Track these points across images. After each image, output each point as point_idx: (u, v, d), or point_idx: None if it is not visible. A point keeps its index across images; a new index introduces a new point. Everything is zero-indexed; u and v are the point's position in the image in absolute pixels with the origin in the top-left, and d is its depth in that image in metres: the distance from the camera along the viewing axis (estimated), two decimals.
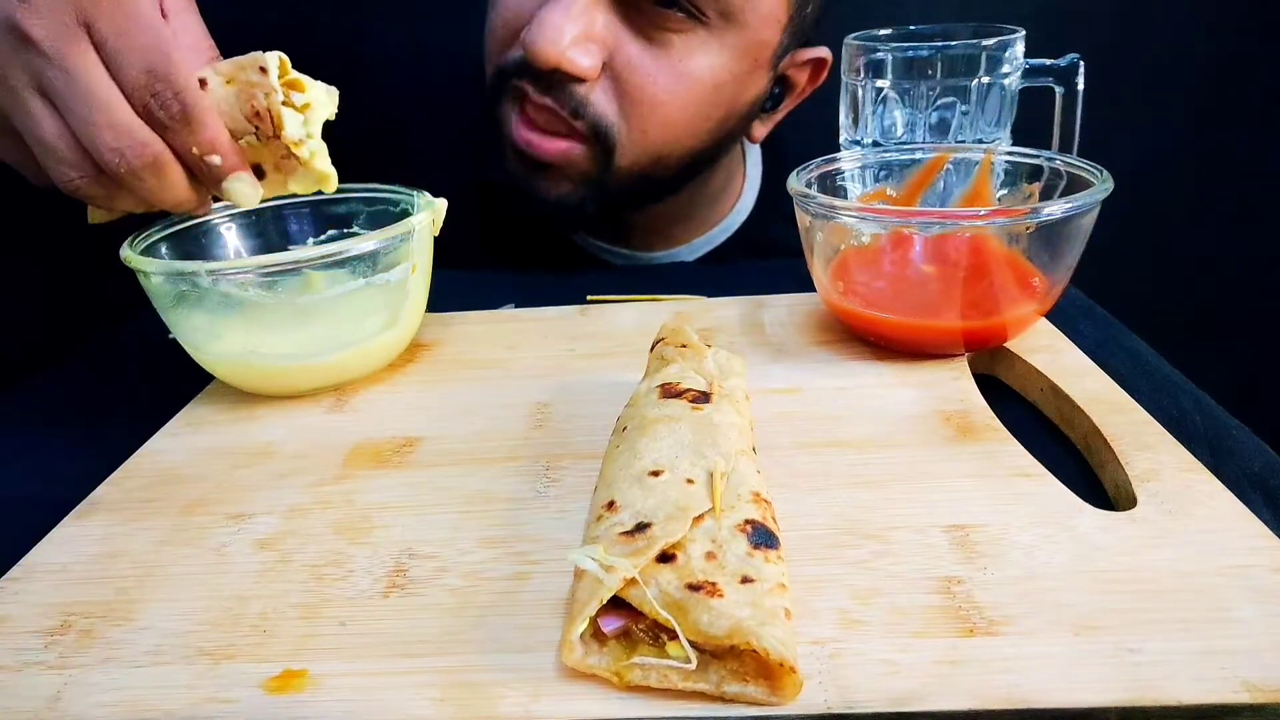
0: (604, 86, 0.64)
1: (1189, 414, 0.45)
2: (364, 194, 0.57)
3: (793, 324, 0.56)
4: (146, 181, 0.43)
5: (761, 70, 0.69)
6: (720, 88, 0.66)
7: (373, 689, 0.29)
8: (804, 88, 0.76)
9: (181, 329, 0.49)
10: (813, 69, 0.74)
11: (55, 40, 0.41)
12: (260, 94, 0.44)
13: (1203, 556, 0.32)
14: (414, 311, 0.54)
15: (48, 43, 0.41)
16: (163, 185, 0.44)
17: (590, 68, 0.62)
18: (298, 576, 0.35)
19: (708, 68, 0.65)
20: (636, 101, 0.64)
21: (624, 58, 0.63)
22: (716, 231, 0.84)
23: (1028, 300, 0.48)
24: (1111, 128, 0.80)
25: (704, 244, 0.84)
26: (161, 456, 0.46)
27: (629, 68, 0.63)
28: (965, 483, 0.38)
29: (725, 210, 0.84)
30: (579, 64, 0.61)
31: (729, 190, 0.84)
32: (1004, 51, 0.59)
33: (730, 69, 0.66)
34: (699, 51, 0.64)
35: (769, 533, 0.31)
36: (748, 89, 0.69)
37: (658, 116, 0.65)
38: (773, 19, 0.65)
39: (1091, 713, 0.26)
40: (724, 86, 0.67)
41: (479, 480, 0.41)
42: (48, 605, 0.34)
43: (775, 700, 0.27)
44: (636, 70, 0.63)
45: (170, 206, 0.46)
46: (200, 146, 0.44)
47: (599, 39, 0.62)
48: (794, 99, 0.77)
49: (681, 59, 0.64)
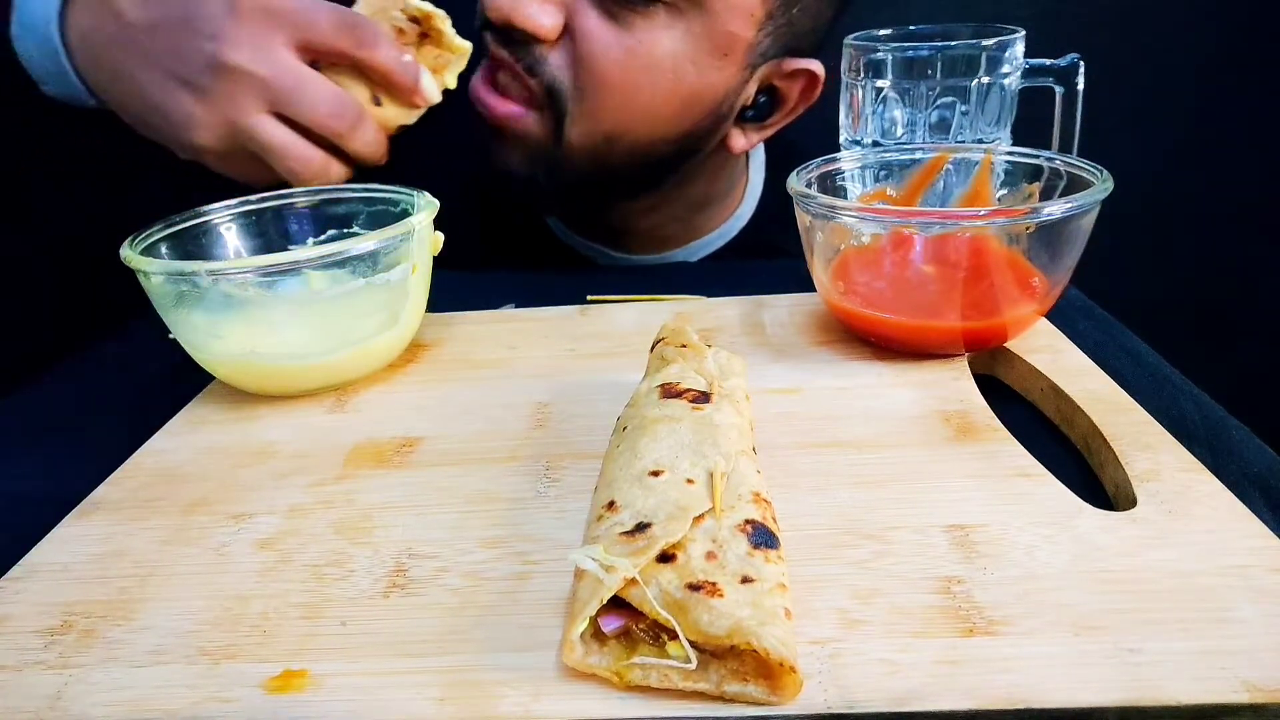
0: (561, 50, 0.64)
1: (1189, 414, 0.45)
2: (364, 194, 0.57)
3: (793, 324, 0.56)
4: (357, 136, 0.57)
5: (732, 66, 0.67)
6: (680, 74, 0.65)
7: (373, 689, 0.29)
8: (795, 104, 0.73)
9: (181, 329, 0.49)
10: (805, 84, 0.72)
11: (262, 60, 0.53)
12: (396, 10, 0.59)
13: (1203, 556, 0.32)
14: (414, 311, 0.54)
15: (256, 65, 0.53)
16: (364, 137, 0.58)
17: (550, 27, 0.62)
18: (298, 576, 0.35)
19: (668, 52, 0.64)
20: (590, 73, 0.64)
21: (583, 27, 0.63)
22: (714, 237, 0.84)
23: (1028, 300, 0.48)
24: (1111, 128, 0.80)
25: (701, 248, 0.84)
26: (162, 456, 0.46)
27: (587, 37, 0.63)
28: (965, 483, 0.38)
29: (723, 217, 0.84)
30: (534, 20, 0.62)
31: (729, 198, 0.84)
32: (1004, 51, 0.59)
33: (692, 57, 0.65)
34: (660, 33, 0.63)
35: (769, 533, 0.31)
36: (713, 82, 0.67)
37: (610, 93, 0.65)
38: (744, 11, 0.64)
39: (1091, 713, 0.26)
40: (684, 74, 0.65)
41: (479, 480, 0.41)
42: (48, 605, 0.34)
43: (775, 700, 0.27)
44: (594, 41, 0.63)
45: (370, 157, 0.59)
46: (389, 57, 0.57)
47: (562, 2, 0.63)
48: (784, 115, 0.74)
49: (641, 38, 0.63)
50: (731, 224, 0.84)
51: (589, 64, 0.63)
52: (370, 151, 0.59)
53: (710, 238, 0.84)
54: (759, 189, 0.85)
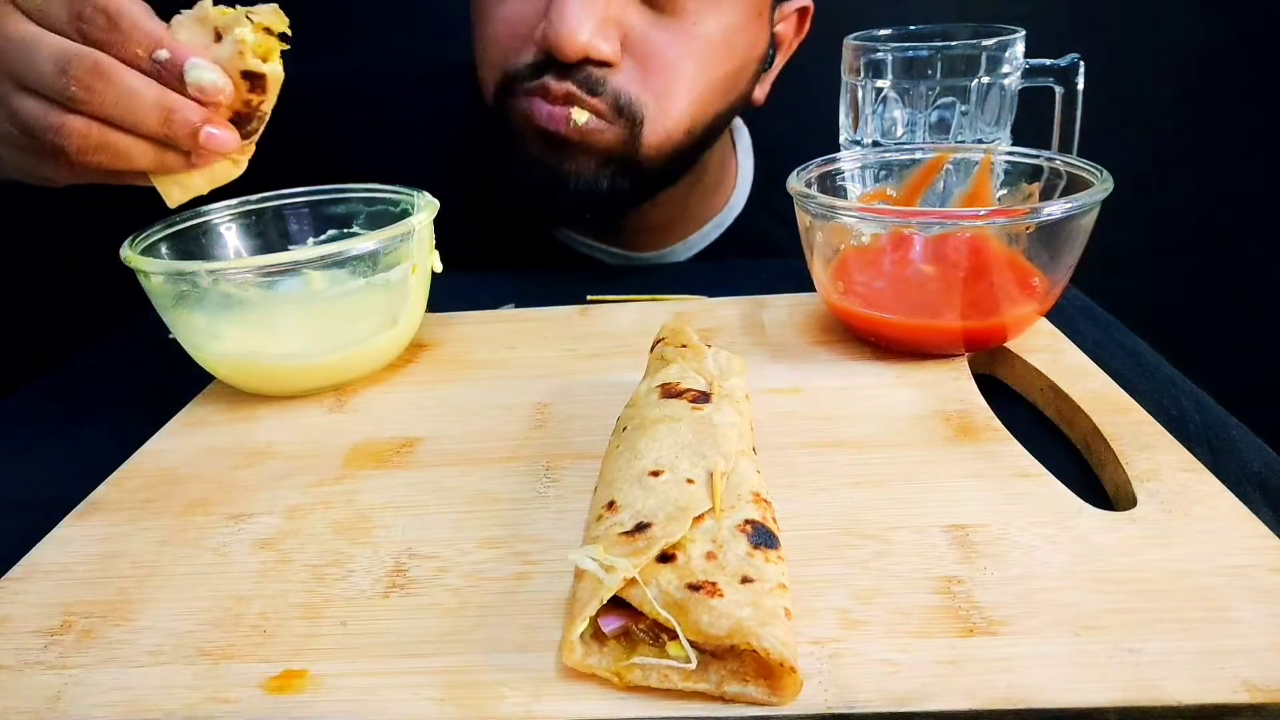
0: (624, 65, 0.65)
1: (1189, 414, 0.45)
2: (364, 194, 0.57)
3: (793, 324, 0.56)
4: (98, 92, 0.42)
5: (764, 25, 0.70)
6: (733, 45, 0.67)
7: (373, 689, 0.29)
8: (791, 40, 0.77)
9: (181, 329, 0.49)
10: (797, 20, 0.76)
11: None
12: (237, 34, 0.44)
13: (1202, 556, 0.32)
14: (414, 311, 0.54)
15: None
16: (117, 92, 0.43)
17: (612, 52, 0.63)
18: (298, 576, 0.35)
19: (719, 28, 0.66)
20: (659, 74, 0.65)
21: (640, 33, 0.64)
22: (709, 228, 0.84)
23: (1028, 300, 0.48)
24: (1111, 128, 0.80)
25: (698, 241, 0.84)
26: (161, 456, 0.46)
27: (646, 41, 0.64)
28: (965, 483, 0.38)
29: (718, 206, 0.85)
30: (603, 50, 0.62)
31: (721, 184, 0.84)
32: (1004, 51, 0.59)
33: (739, 25, 0.67)
34: (709, 12, 0.65)
35: (769, 533, 0.31)
36: (756, 44, 0.70)
37: (682, 85, 0.66)
38: None
39: (1091, 713, 0.26)
40: (736, 44, 0.68)
41: (479, 480, 0.41)
42: (48, 605, 0.34)
43: (775, 700, 0.27)
44: (653, 43, 0.64)
45: (148, 125, 0.44)
46: (143, 45, 0.43)
47: (615, 19, 0.63)
48: (784, 53, 0.78)
49: (694, 23, 0.65)
50: (726, 214, 0.85)
51: (659, 68, 0.65)
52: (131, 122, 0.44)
53: (706, 229, 0.84)
54: (750, 176, 0.86)
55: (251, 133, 0.47)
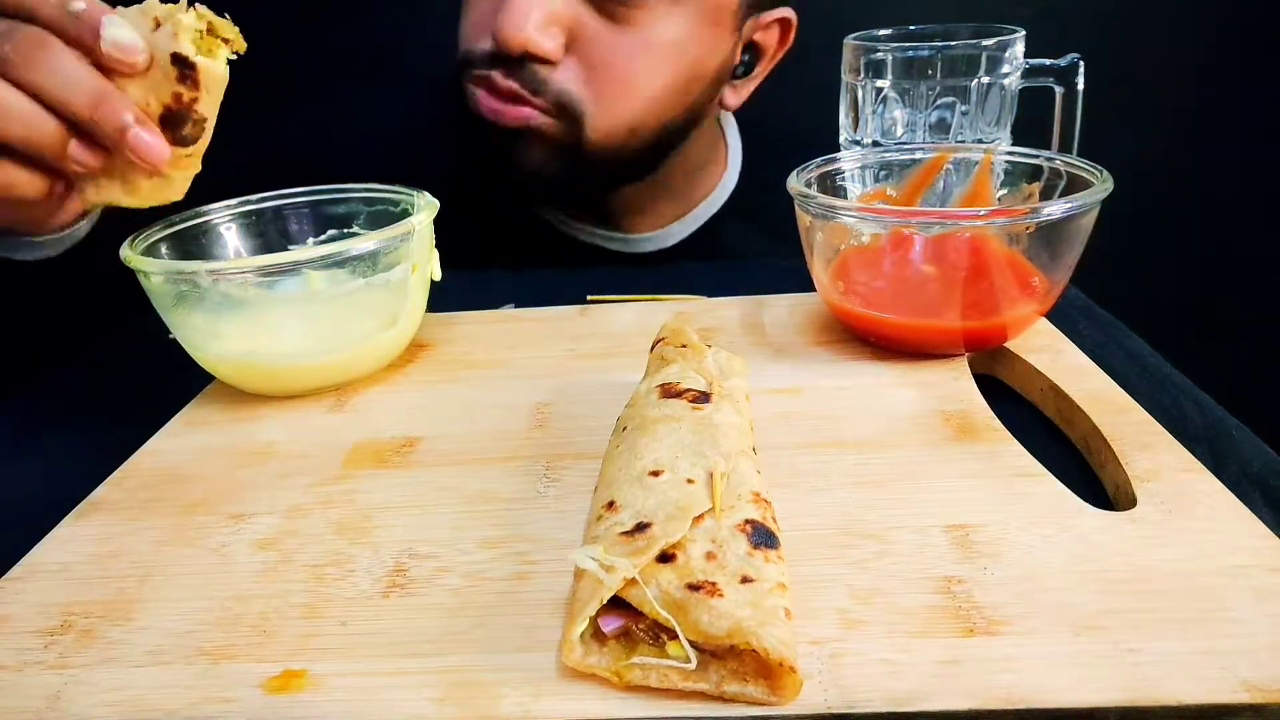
0: (567, 65, 0.66)
1: (1189, 414, 0.45)
2: (364, 194, 0.57)
3: (793, 324, 0.56)
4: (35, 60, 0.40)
5: (724, 34, 0.71)
6: (686, 56, 0.68)
7: (373, 689, 0.29)
8: (775, 51, 0.77)
9: (181, 329, 0.49)
10: (780, 31, 0.76)
11: None
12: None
13: (1202, 556, 0.32)
14: (414, 311, 0.54)
15: None
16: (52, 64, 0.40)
17: (554, 49, 0.64)
18: (298, 576, 0.35)
19: (671, 38, 0.67)
20: (604, 77, 0.66)
21: (588, 36, 0.65)
22: (703, 208, 0.85)
23: (1028, 300, 0.48)
24: (1111, 128, 0.80)
25: (693, 220, 0.85)
26: (161, 456, 0.46)
27: (593, 45, 0.65)
28: (965, 483, 0.38)
29: (711, 185, 0.85)
30: (543, 46, 0.64)
31: (713, 163, 0.85)
32: (1004, 51, 0.59)
33: (692, 35, 0.68)
34: (662, 22, 0.66)
35: (769, 533, 0.31)
36: (713, 54, 0.71)
37: (627, 91, 0.67)
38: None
39: (1091, 713, 0.26)
40: (689, 55, 0.68)
41: (479, 480, 0.41)
42: (48, 605, 0.34)
43: (775, 700, 0.27)
44: (601, 47, 0.65)
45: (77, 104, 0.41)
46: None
47: (561, 20, 0.64)
48: (766, 63, 0.78)
49: (646, 32, 0.66)
50: (718, 193, 0.85)
51: (605, 71, 0.66)
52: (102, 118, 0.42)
53: (700, 209, 0.85)
54: (740, 155, 0.87)
55: (188, 140, 0.44)
